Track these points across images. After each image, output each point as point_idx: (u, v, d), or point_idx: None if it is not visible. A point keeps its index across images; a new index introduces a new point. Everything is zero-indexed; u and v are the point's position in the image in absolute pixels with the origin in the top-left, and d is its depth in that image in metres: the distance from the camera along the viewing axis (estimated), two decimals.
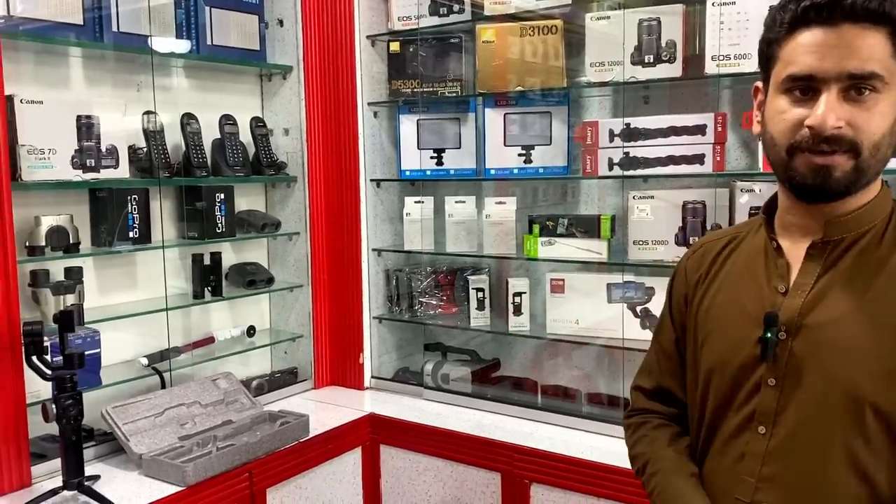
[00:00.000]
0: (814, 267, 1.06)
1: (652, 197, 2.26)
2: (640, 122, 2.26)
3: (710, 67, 2.13)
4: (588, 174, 2.35)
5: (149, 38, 2.34)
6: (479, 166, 2.68)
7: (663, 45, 2.23)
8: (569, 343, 2.51)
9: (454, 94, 2.63)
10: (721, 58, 2.10)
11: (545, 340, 2.58)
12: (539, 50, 2.44)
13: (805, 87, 0.99)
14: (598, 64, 2.32)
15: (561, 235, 2.43)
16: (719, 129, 2.18)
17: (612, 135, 2.30)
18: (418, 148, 2.76)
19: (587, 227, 2.41)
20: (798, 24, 0.99)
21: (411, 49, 2.70)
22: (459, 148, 2.71)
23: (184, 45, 2.48)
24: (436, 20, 2.64)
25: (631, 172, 2.27)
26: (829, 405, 1.01)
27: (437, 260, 2.86)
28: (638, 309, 2.33)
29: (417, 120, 2.74)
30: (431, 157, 2.75)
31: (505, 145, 2.56)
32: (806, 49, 0.98)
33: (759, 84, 1.11)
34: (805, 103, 1.00)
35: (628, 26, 2.25)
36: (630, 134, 2.27)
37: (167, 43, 2.42)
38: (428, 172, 2.76)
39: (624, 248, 2.37)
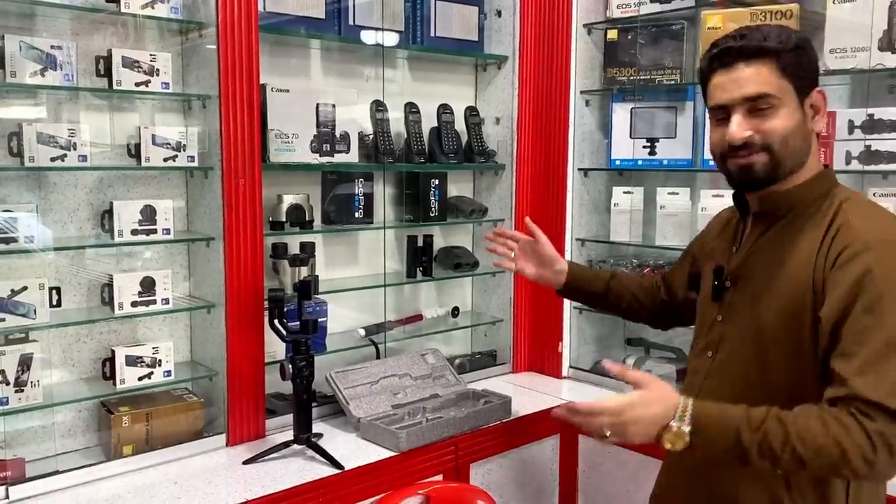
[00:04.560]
0: (756, 232, 1.45)
1: (895, 195, 2.07)
2: (886, 112, 2.08)
3: None
4: None
5: (368, 29, 2.47)
6: (695, 157, 2.59)
7: None
8: None
9: (673, 82, 2.56)
10: None
11: None
12: None
13: (722, 115, 1.38)
14: (838, 50, 2.16)
15: None
16: None
17: (851, 126, 2.13)
18: (630, 137, 2.72)
19: None
20: (710, 72, 1.40)
21: (629, 37, 2.66)
22: (674, 137, 2.63)
23: (392, 38, 2.59)
24: (657, 7, 2.58)
25: (873, 167, 2.09)
26: (747, 336, 1.39)
27: (644, 252, 2.80)
28: None
29: (631, 108, 2.70)
30: (644, 147, 2.70)
31: None
32: (716, 88, 1.39)
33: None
34: (724, 124, 1.38)
35: (877, 10, 2.07)
36: (873, 125, 2.09)
37: (380, 33, 2.52)
38: (639, 162, 2.71)
39: None
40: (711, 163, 2.45)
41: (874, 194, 2.10)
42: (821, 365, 1.30)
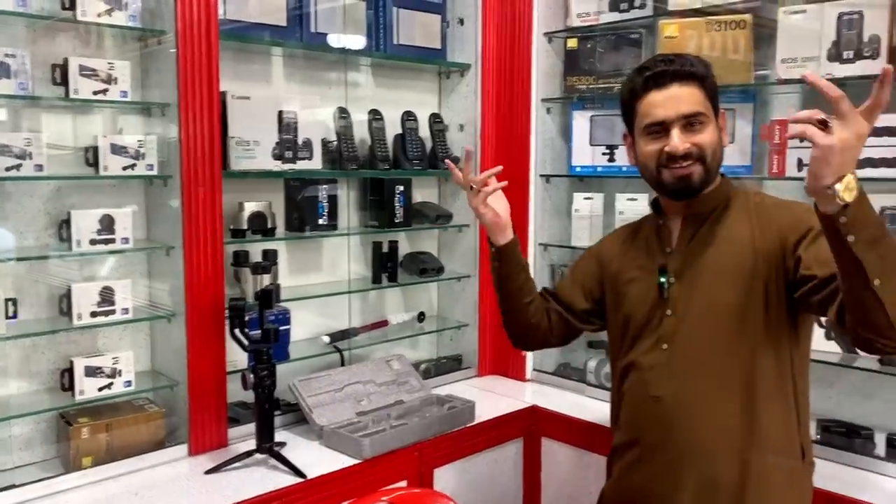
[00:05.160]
0: (686, 233, 1.63)
1: None
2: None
3: None
4: (774, 175, 2.24)
5: (330, 35, 2.47)
6: None
7: (865, 39, 2.08)
8: None
9: None
10: None
11: None
12: (725, 45, 2.35)
13: (658, 130, 1.55)
14: (789, 60, 2.21)
15: None
16: None
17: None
18: (590, 144, 2.76)
19: None
20: (645, 91, 1.56)
21: (588, 45, 2.70)
22: None
23: (362, 42, 2.61)
24: (616, 16, 2.62)
25: None
26: (708, 318, 1.56)
27: None
28: None
29: (591, 116, 2.74)
30: (603, 154, 2.73)
31: None
32: (653, 105, 1.55)
33: (626, 132, 1.69)
34: (660, 139, 1.55)
35: (826, 21, 2.13)
36: None
37: (343, 39, 2.52)
38: (599, 169, 2.75)
39: None
40: None
41: None
42: (791, 302, 1.50)
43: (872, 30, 2.07)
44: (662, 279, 1.62)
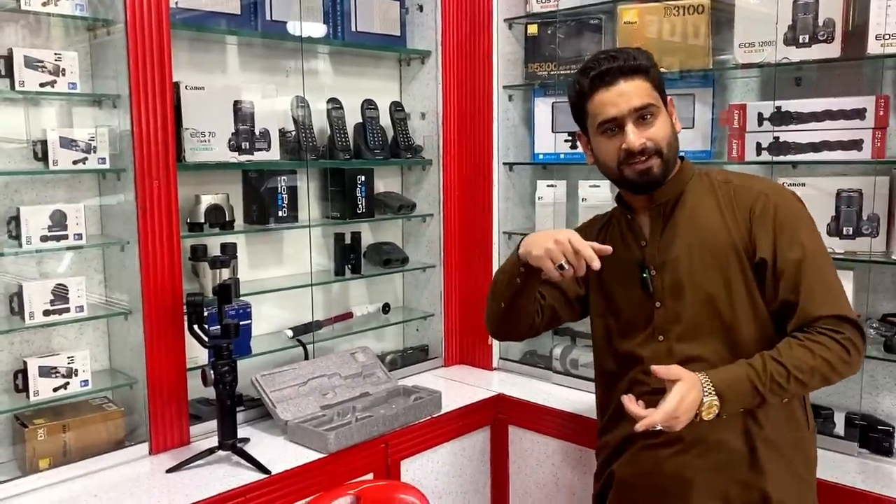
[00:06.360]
0: (657, 224, 1.64)
1: (803, 184, 2.14)
2: (792, 105, 2.15)
3: (874, 47, 1.99)
4: (734, 159, 2.25)
5: (287, 23, 2.43)
6: None
7: (820, 24, 2.10)
8: None
9: None
10: (886, 37, 1.96)
11: None
12: (683, 30, 2.36)
13: (613, 127, 1.55)
14: (747, 45, 2.22)
15: None
16: (881, 112, 2.04)
17: (760, 118, 2.20)
18: (553, 131, 2.75)
19: None
20: (592, 91, 1.56)
21: (549, 31, 2.69)
22: None
23: (320, 29, 2.56)
24: (575, 1, 2.61)
25: (781, 158, 2.17)
26: (698, 306, 1.57)
27: None
28: None
29: (553, 103, 2.73)
30: (566, 141, 2.73)
31: None
32: (603, 104, 1.55)
33: (580, 133, 1.68)
34: (616, 136, 1.56)
35: (782, 5, 2.14)
36: (781, 117, 2.16)
37: (305, 27, 2.47)
38: (562, 156, 2.75)
39: None
40: None
41: (784, 184, 2.17)
42: (776, 304, 1.54)
43: (827, 13, 2.09)
44: (644, 274, 1.63)
